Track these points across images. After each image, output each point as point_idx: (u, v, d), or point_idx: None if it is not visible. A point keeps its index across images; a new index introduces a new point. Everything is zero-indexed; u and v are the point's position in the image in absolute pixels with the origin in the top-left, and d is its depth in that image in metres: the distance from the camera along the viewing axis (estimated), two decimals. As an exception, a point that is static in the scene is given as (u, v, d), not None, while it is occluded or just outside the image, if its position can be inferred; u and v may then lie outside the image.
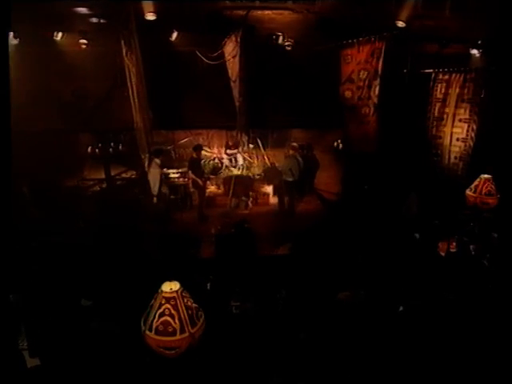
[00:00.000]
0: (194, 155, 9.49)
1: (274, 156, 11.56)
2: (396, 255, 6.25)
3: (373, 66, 7.81)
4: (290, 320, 4.87)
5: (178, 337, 3.01)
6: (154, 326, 3.02)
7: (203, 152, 11.17)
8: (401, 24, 7.61)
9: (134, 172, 10.17)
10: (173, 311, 3.02)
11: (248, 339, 4.50)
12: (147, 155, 7.76)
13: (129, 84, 7.09)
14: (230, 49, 7.88)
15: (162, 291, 3.06)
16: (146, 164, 8.05)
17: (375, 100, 7.89)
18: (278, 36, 8.28)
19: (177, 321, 3.02)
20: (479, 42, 8.54)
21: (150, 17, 7.06)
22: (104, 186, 10.02)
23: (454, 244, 5.98)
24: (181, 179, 10.55)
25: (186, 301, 3.09)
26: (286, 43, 8.82)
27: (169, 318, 3.01)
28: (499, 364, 3.90)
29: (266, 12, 8.27)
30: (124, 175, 10.51)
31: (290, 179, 9.49)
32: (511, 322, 4.40)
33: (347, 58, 8.14)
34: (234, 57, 7.78)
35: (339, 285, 5.38)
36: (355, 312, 4.85)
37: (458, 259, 6.00)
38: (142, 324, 3.14)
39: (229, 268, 6.16)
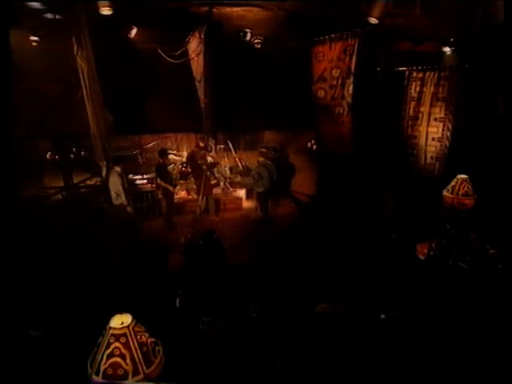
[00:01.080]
0: (160, 160, 9.12)
1: (247, 158, 11.26)
2: (374, 258, 6.24)
3: (346, 63, 7.53)
4: (263, 340, 4.54)
5: (130, 380, 2.57)
6: (101, 369, 2.57)
7: (172, 156, 10.80)
8: (373, 20, 7.37)
9: (99, 179, 9.49)
10: (123, 350, 2.57)
11: (217, 363, 4.17)
12: (105, 163, 7.20)
13: (82, 85, 6.51)
14: (194, 46, 7.40)
15: (110, 327, 2.60)
16: (104, 173, 7.48)
17: (349, 99, 7.62)
18: (245, 33, 7.88)
19: (128, 361, 2.58)
20: (451, 40, 8.43)
21: (106, 11, 6.52)
22: (66, 194, 9.30)
23: (433, 246, 5.80)
24: (148, 185, 10.16)
25: (139, 337, 2.65)
26: (255, 41, 8.46)
27: (119, 359, 2.56)
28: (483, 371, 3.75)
29: (235, 9, 7.86)
30: (88, 182, 9.89)
31: (261, 190, 9.20)
32: (494, 328, 4.30)
33: (319, 55, 7.82)
34: (198, 55, 7.31)
35: (316, 296, 5.21)
36: (335, 326, 4.60)
37: (438, 263, 5.87)
38: (88, 366, 2.68)
39: (199, 281, 5.98)
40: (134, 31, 7.63)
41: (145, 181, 10.30)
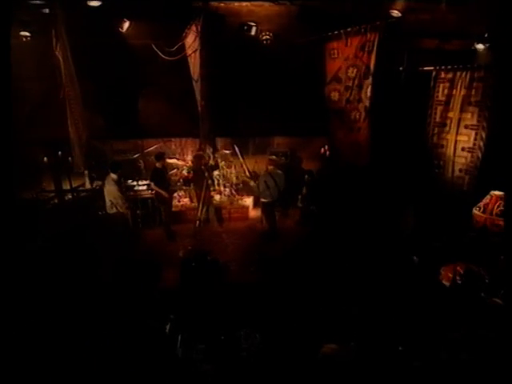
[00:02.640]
0: (158, 165, 8.29)
1: (256, 163, 10.35)
2: (391, 283, 5.50)
3: (363, 61, 6.59)
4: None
5: None
6: None
7: (174, 161, 10.01)
8: (396, 13, 6.41)
9: (100, 182, 8.93)
10: None
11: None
12: (86, 172, 6.41)
13: (61, 85, 5.76)
14: (191, 41, 6.56)
15: None
16: (87, 182, 6.69)
17: (367, 103, 6.68)
18: (250, 27, 6.98)
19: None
20: (485, 36, 7.34)
21: (94, 3, 5.75)
22: (66, 198, 8.48)
23: (460, 272, 5.13)
24: (147, 192, 9.38)
25: None
26: (264, 37, 7.55)
27: None
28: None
29: (244, 3, 7.00)
30: (88, 186, 9.34)
31: (267, 200, 8.28)
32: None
33: (333, 52, 6.90)
34: (195, 51, 6.46)
35: (323, 331, 4.55)
36: (344, 372, 3.91)
37: (466, 293, 5.01)
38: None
39: (192, 305, 5.40)
40: (125, 25, 6.80)
41: (144, 187, 9.52)
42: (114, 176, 6.99)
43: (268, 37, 7.60)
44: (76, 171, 6.50)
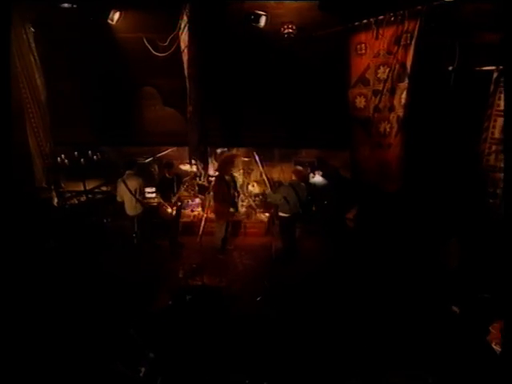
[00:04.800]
0: (167, 174, 7.30)
1: (282, 172, 9.01)
2: (425, 337, 4.48)
3: (398, 59, 5.03)
4: None
5: None
6: None
7: (187, 167, 8.96)
8: (446, -3, 4.76)
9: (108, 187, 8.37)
10: None
11: None
12: (52, 187, 5.43)
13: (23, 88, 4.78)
14: (184, 34, 5.28)
15: None
16: (56, 200, 5.71)
17: (400, 112, 5.11)
18: (258, 17, 5.61)
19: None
20: None
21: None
22: (82, 199, 8.17)
23: None
24: (156, 200, 8.42)
25: None
26: (286, 31, 6.13)
27: None
28: None
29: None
30: (104, 188, 8.66)
31: (286, 215, 6.94)
32: None
33: (360, 47, 5.37)
34: (186, 46, 5.19)
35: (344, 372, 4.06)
36: None
37: None
38: None
39: (178, 344, 4.75)
40: (116, 16, 5.70)
41: (153, 194, 8.57)
42: (132, 172, 6.51)
43: (291, 30, 6.17)
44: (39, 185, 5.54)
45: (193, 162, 9.06)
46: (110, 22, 5.72)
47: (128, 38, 5.82)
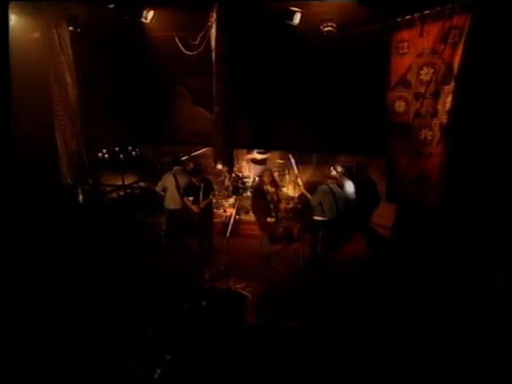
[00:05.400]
0: (194, 180, 7.21)
1: (322, 176, 8.60)
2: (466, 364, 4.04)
3: (444, 59, 4.46)
4: None
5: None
6: None
7: (219, 166, 8.83)
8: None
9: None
10: None
11: None
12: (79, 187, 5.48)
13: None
14: (214, 31, 5.07)
15: None
16: (81, 197, 5.75)
17: (444, 119, 4.53)
18: (292, 14, 5.24)
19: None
20: None
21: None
22: (121, 193, 8.62)
23: None
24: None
25: None
26: (326, 29, 5.72)
27: None
28: None
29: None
30: (141, 184, 8.99)
31: (321, 218, 6.57)
32: None
33: (402, 46, 4.83)
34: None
35: None
36: None
37: None
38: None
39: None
40: (150, 15, 5.63)
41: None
42: (180, 168, 6.66)
43: (331, 28, 5.75)
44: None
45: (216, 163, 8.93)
46: (143, 20, 5.68)
47: (160, 36, 5.74)
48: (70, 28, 5.44)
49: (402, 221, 6.25)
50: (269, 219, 6.30)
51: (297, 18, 5.34)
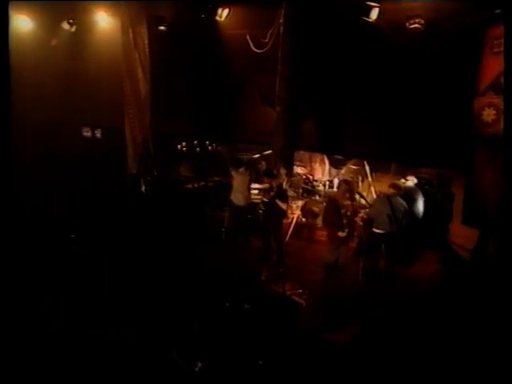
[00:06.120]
0: (284, 185, 7.17)
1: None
2: None
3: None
4: None
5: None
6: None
7: (296, 168, 8.61)
8: None
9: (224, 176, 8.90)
10: None
11: None
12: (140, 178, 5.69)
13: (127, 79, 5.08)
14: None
15: None
16: (144, 188, 5.96)
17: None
18: (369, 9, 4.71)
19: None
20: None
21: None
22: (196, 185, 9.00)
23: None
24: (259, 197, 8.37)
25: None
26: (413, 26, 5.09)
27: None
28: None
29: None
30: (216, 178, 9.27)
31: (377, 230, 6.04)
32: None
33: (497, 43, 4.05)
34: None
35: None
36: None
37: None
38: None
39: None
40: (224, 13, 5.60)
41: (256, 191, 8.50)
42: (240, 169, 6.87)
43: (418, 25, 5.10)
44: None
45: (297, 163, 8.67)
46: (218, 18, 5.68)
47: (232, 34, 5.67)
48: (150, 27, 5.67)
49: (485, 245, 5.38)
50: (340, 233, 5.89)
51: (374, 14, 4.79)
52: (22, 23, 6.80)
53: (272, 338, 5.08)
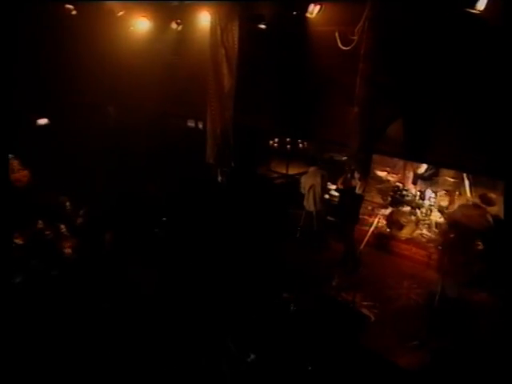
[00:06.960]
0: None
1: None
2: None
3: None
4: None
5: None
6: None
7: (385, 174, 8.12)
8: None
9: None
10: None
11: None
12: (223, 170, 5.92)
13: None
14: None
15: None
16: (220, 178, 6.16)
17: None
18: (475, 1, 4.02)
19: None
20: None
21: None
22: (284, 181, 9.57)
23: None
24: (335, 198, 8.17)
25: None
26: None
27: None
28: None
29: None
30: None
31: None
32: None
33: None
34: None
35: None
36: None
37: None
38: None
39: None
40: (316, 10, 5.45)
41: (336, 193, 8.27)
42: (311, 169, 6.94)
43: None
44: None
45: (388, 169, 8.09)
46: (308, 15, 5.56)
47: (321, 31, 5.48)
48: (242, 25, 5.85)
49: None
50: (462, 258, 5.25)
51: (482, 4, 4.10)
52: (142, 24, 7.73)
53: (329, 346, 4.89)
